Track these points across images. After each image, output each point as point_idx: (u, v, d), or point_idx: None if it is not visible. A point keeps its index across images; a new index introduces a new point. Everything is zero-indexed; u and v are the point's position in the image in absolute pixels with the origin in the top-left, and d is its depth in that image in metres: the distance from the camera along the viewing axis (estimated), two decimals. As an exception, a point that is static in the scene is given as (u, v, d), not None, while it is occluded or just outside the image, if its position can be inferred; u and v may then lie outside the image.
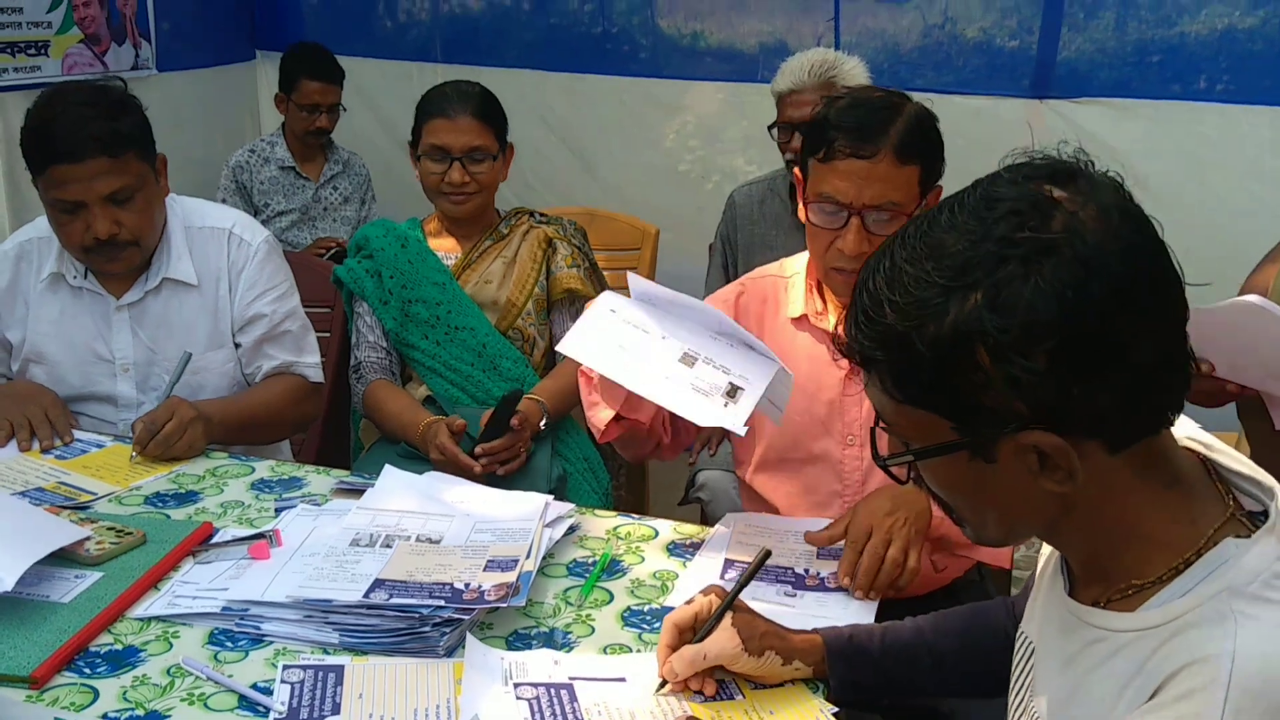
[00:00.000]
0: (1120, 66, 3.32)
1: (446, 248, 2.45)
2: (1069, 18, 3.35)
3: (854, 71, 2.69)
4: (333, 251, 3.51)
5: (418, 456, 2.19)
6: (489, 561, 1.51)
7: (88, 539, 1.56)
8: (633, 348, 1.59)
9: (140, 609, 1.45)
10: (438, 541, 1.59)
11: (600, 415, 1.70)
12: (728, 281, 2.85)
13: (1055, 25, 3.37)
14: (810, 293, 1.82)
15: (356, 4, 4.30)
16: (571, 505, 1.75)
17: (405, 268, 2.39)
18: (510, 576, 1.46)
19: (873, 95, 1.74)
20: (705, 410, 1.53)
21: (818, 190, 1.68)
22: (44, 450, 1.95)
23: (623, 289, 1.69)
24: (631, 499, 2.64)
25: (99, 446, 1.99)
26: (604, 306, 1.65)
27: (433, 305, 2.37)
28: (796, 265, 1.88)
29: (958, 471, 0.94)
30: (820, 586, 1.56)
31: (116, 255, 2.02)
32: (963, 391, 0.89)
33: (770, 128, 2.77)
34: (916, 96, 1.74)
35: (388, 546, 1.57)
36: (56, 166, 1.91)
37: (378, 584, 1.45)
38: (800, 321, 1.81)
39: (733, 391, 1.55)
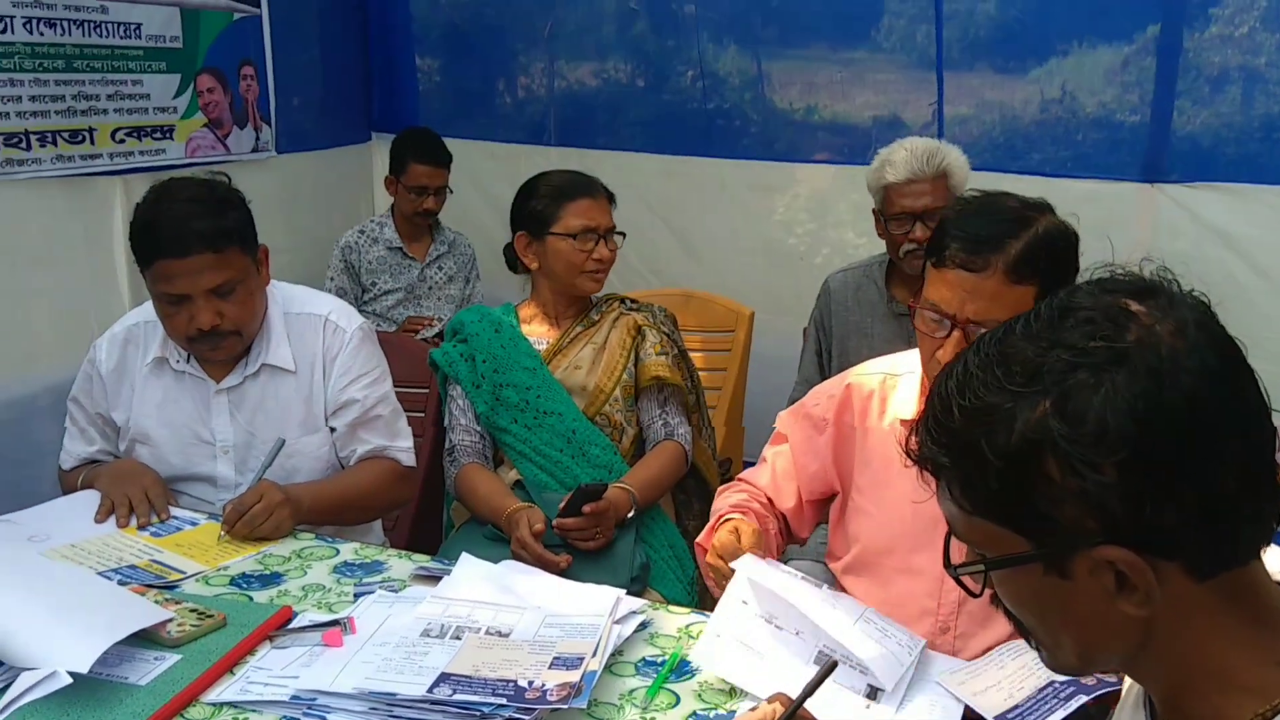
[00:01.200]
0: (1243, 145, 3.22)
1: (539, 333, 2.50)
2: (1190, 92, 3.26)
3: (959, 160, 2.68)
4: (435, 330, 3.60)
5: (503, 539, 2.22)
6: (555, 658, 1.51)
7: (170, 620, 1.61)
8: (767, 650, 1.55)
9: (214, 694, 1.49)
10: (507, 635, 1.60)
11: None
12: (821, 367, 2.85)
13: (1172, 100, 3.29)
14: (924, 394, 1.78)
15: (472, 86, 4.46)
16: (643, 601, 1.74)
17: (498, 352, 2.44)
18: (574, 676, 1.46)
19: (1003, 204, 1.67)
20: (845, 713, 1.49)
21: (927, 295, 1.65)
22: (141, 527, 2.03)
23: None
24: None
25: (193, 524, 2.06)
26: (735, 599, 1.59)
27: (523, 390, 2.41)
28: (910, 363, 1.83)
29: (1032, 587, 0.91)
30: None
31: (219, 344, 2.11)
32: (1033, 503, 0.86)
33: (881, 218, 2.74)
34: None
35: (457, 638, 1.59)
36: (163, 261, 2.02)
37: (443, 678, 1.46)
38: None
39: (873, 694, 1.51)
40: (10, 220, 2.98)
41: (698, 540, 1.84)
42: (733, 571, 1.64)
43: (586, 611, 1.65)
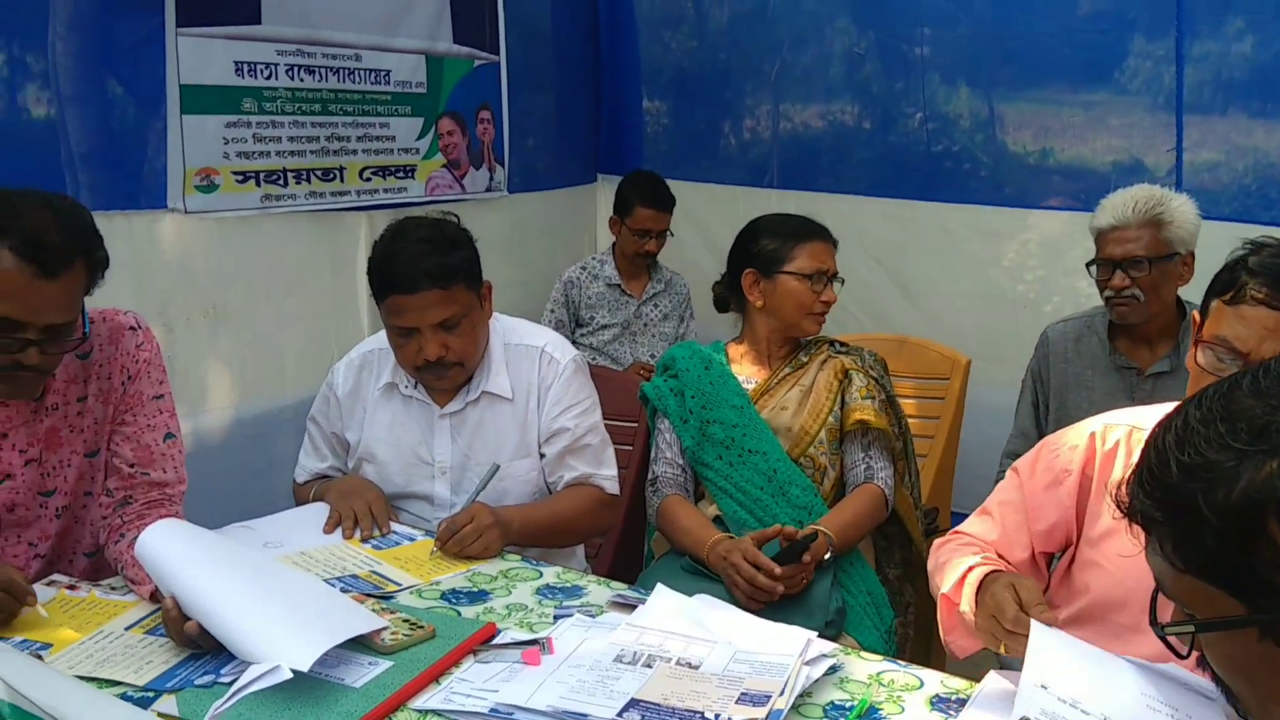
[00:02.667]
0: None
1: (747, 373, 2.54)
2: None
3: (1182, 209, 2.57)
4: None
5: (700, 572, 2.26)
6: (742, 694, 1.54)
7: (384, 629, 1.72)
8: None
9: (420, 701, 1.59)
10: (697, 666, 1.63)
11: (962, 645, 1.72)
12: (1037, 419, 2.77)
13: None
14: None
15: (697, 128, 4.56)
16: (835, 645, 1.74)
17: (707, 389, 2.50)
18: (761, 712, 1.48)
19: None
20: None
21: (1215, 332, 1.63)
22: (364, 540, 2.19)
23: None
24: (920, 643, 2.56)
25: (410, 540, 2.21)
26: (1032, 683, 1.45)
27: (729, 427, 2.45)
28: (1156, 417, 1.77)
29: (1244, 652, 0.88)
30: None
31: (443, 374, 2.27)
32: (1251, 565, 0.84)
33: (1089, 264, 2.68)
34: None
35: (648, 666, 1.63)
36: (395, 296, 2.19)
37: (633, 703, 1.51)
38: None
39: None
40: (268, 251, 3.27)
41: (944, 593, 1.78)
42: (1011, 630, 1.57)
43: (777, 650, 1.67)
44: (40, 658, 1.66)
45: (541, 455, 2.37)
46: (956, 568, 1.80)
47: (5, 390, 1.91)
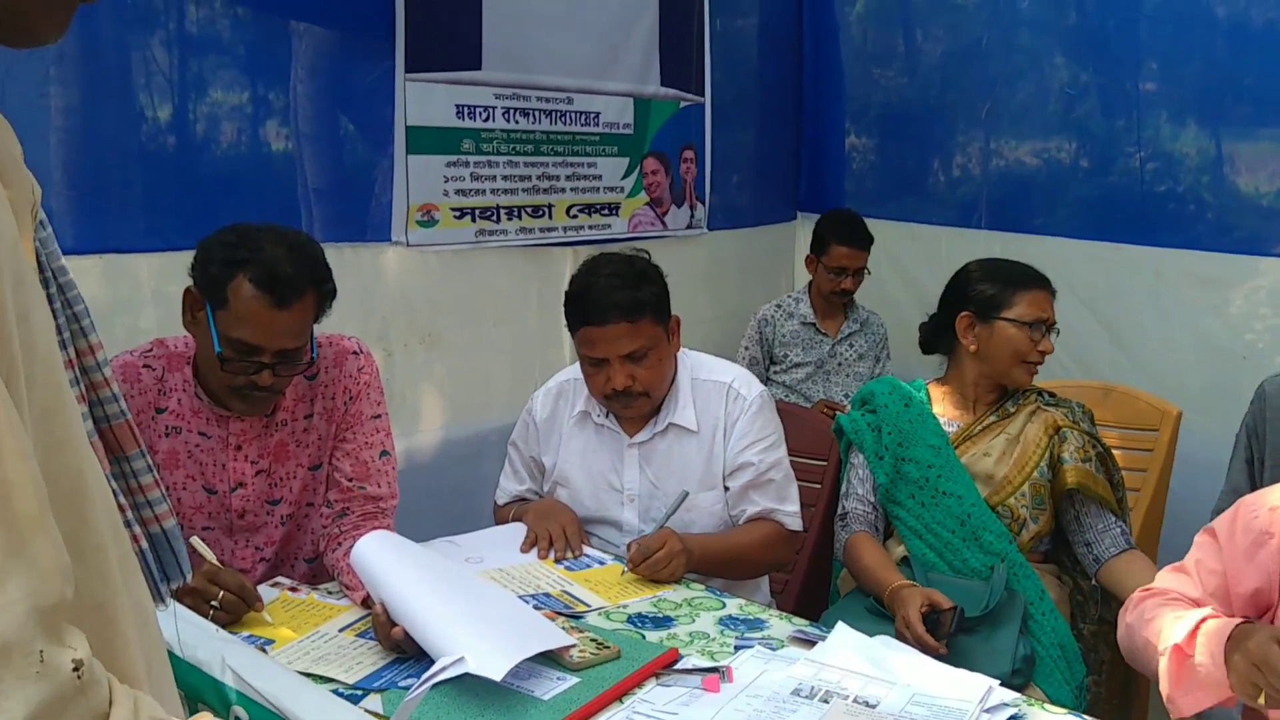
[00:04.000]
0: None
1: (949, 415, 2.53)
2: None
3: None
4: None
5: (882, 614, 2.26)
6: (918, 736, 1.55)
7: (573, 646, 1.82)
8: None
9: (603, 717, 1.67)
10: (874, 706, 1.65)
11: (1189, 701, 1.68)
12: (1252, 476, 2.63)
13: None
14: None
15: (902, 165, 4.54)
16: (1019, 695, 1.72)
17: (905, 426, 2.50)
18: (935, 755, 1.49)
19: None
20: None
21: None
22: (557, 560, 2.31)
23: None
24: (1113, 703, 2.47)
25: (600, 563, 2.30)
26: None
27: (924, 467, 2.45)
28: None
29: None
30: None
31: (630, 404, 2.37)
32: None
33: None
34: None
35: (825, 702, 1.66)
36: (586, 328, 2.32)
37: (807, 736, 1.55)
38: None
39: None
40: (481, 283, 3.46)
41: (1176, 643, 1.72)
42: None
43: (957, 695, 1.67)
44: (264, 652, 1.82)
45: (726, 488, 2.43)
46: (1181, 620, 1.74)
47: (241, 407, 2.12)
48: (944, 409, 2.54)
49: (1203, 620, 1.71)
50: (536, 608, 2.01)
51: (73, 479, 0.84)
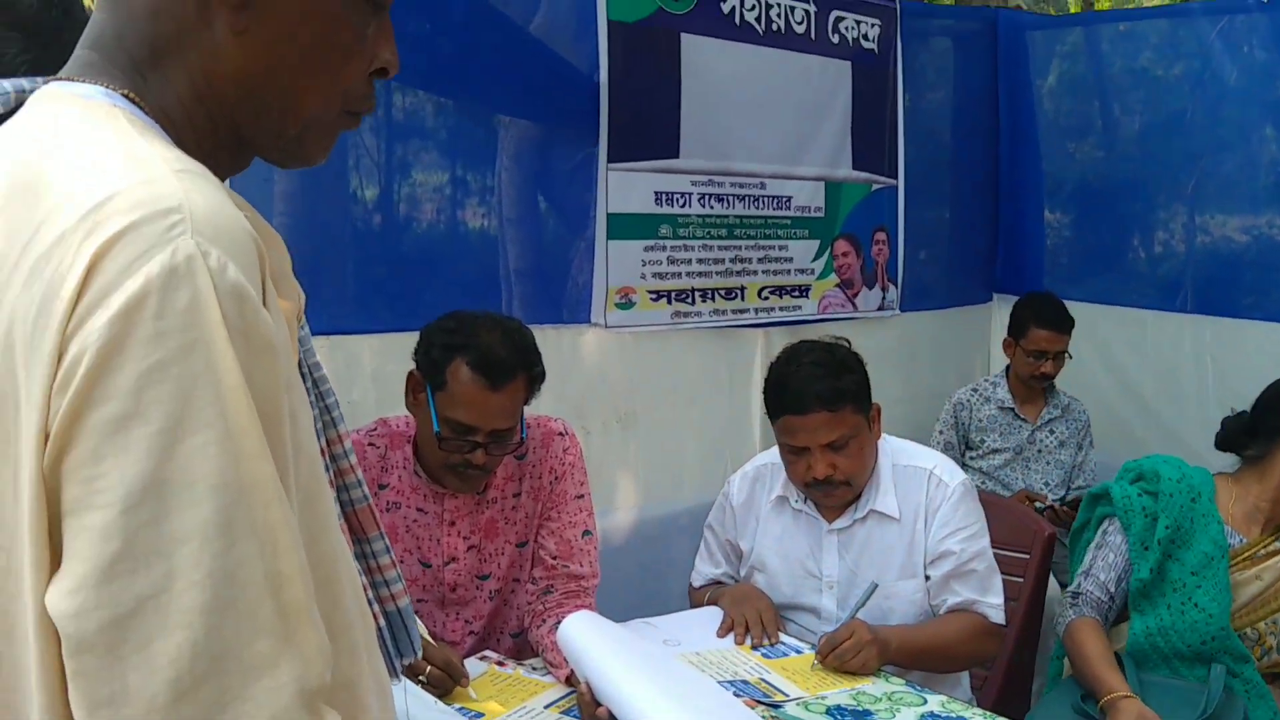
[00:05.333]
0: None
1: (1234, 523, 2.41)
2: None
3: None
4: (1044, 506, 3.59)
5: (1088, 716, 2.18)
6: None
7: (773, 734, 1.83)
8: None
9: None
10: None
11: None
12: None
13: None
14: None
15: (1101, 243, 4.44)
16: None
17: (1186, 524, 2.36)
18: None
19: None
20: None
21: None
22: (754, 647, 2.33)
23: None
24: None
25: (797, 652, 2.31)
26: None
27: (1188, 573, 2.34)
28: None
29: None
30: None
31: (831, 491, 2.39)
32: None
33: None
34: None
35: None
36: (786, 417, 2.36)
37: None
38: None
39: None
40: (675, 363, 3.55)
41: None
42: None
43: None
44: (475, 724, 1.91)
45: (926, 577, 2.41)
46: None
47: (456, 484, 2.24)
48: (1230, 514, 2.39)
49: None
50: (735, 695, 2.04)
51: (329, 565, 0.92)
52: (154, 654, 0.74)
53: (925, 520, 2.41)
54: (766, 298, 3.81)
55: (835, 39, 3.93)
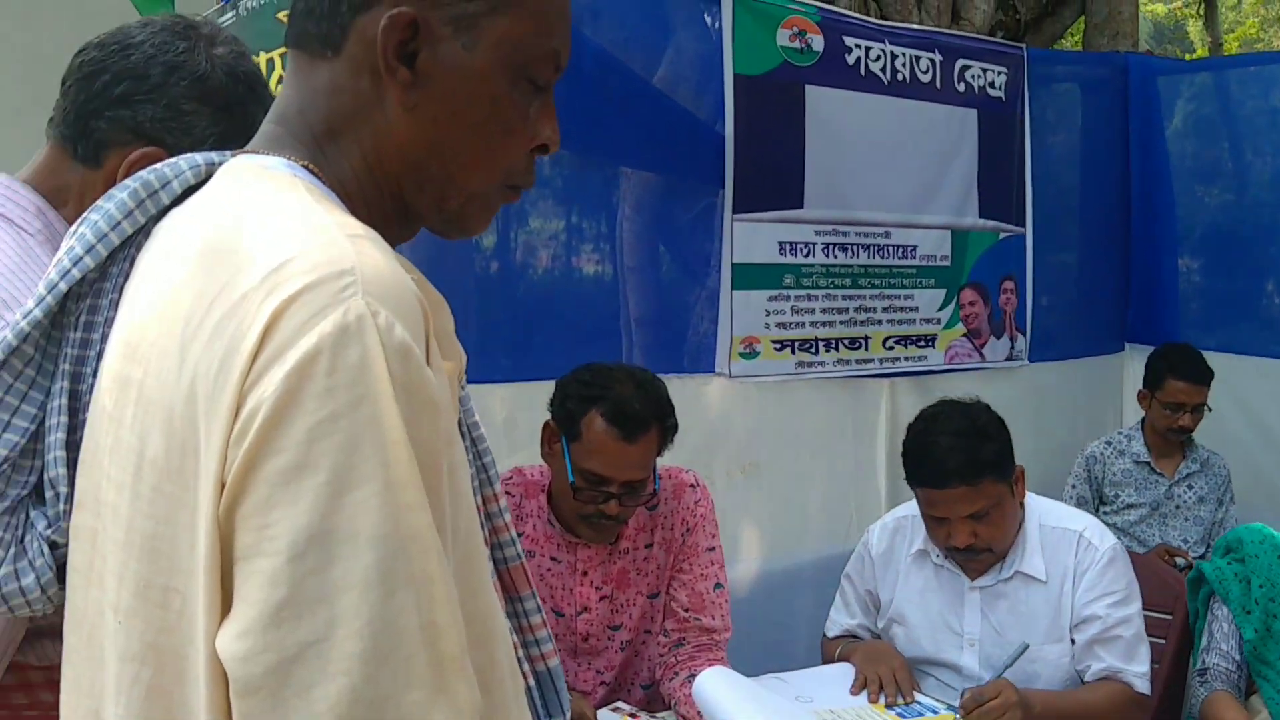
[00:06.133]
0: None
1: None
2: None
3: None
4: (1184, 564, 3.48)
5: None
6: None
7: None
8: None
9: None
10: None
11: None
12: None
13: None
14: None
15: (1236, 290, 4.32)
16: None
17: (1278, 579, 2.37)
18: None
19: None
20: None
21: None
22: (888, 706, 2.29)
23: None
24: None
25: (933, 712, 2.28)
26: None
27: None
28: None
29: None
30: None
31: (974, 559, 2.36)
32: None
33: None
34: None
35: None
36: (924, 489, 2.34)
37: None
38: None
39: None
40: (798, 413, 3.54)
41: None
42: None
43: None
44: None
45: (1072, 642, 2.35)
46: None
47: (590, 534, 2.27)
48: None
49: None
50: (874, 753, 2.02)
51: (485, 621, 0.94)
52: (314, 699, 0.77)
53: (1073, 583, 2.36)
54: (891, 347, 3.78)
55: (961, 87, 3.91)
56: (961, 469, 2.26)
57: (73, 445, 1.03)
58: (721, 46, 3.32)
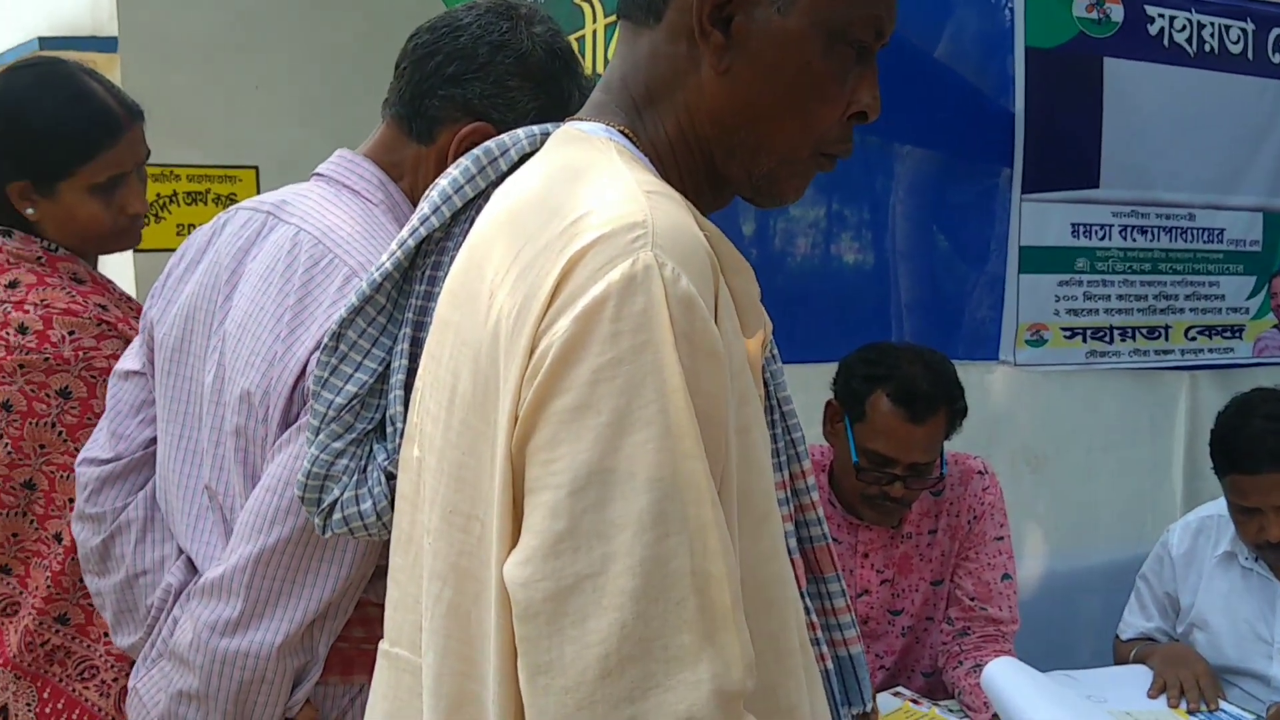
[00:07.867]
0: None
1: None
2: None
3: None
4: None
5: None
6: None
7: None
8: None
9: None
10: None
11: None
12: None
13: None
14: None
15: None
16: None
17: None
18: None
19: None
20: None
21: None
22: (1190, 712, 2.20)
23: None
24: None
25: (1238, 721, 2.16)
26: None
27: None
28: None
29: None
30: None
31: None
32: None
33: None
34: None
35: None
36: (1236, 475, 2.22)
37: None
38: None
39: None
40: (1089, 406, 3.42)
41: None
42: None
43: None
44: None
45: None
46: None
47: (872, 516, 2.27)
48: None
49: None
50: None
51: (777, 586, 0.96)
52: (588, 630, 0.82)
53: None
54: (1194, 338, 3.57)
55: (1276, 59, 3.64)
56: (1277, 452, 2.13)
57: (410, 387, 1.14)
58: (1012, 18, 3.22)
